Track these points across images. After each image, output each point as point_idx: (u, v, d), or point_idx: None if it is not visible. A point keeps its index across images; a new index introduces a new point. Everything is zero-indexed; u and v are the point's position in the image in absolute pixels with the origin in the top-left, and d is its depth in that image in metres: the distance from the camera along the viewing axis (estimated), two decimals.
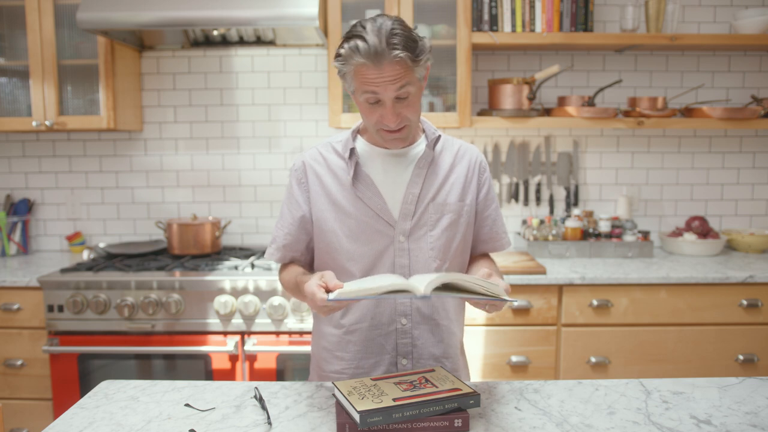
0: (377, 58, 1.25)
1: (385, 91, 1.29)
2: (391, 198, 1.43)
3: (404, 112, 1.33)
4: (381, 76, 1.27)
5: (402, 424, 1.11)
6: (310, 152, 1.50)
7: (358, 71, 1.29)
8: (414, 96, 1.33)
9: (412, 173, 1.43)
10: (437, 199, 1.44)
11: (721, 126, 2.68)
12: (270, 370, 2.37)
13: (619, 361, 2.39)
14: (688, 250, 2.73)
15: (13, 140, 2.99)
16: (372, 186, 1.43)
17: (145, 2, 2.35)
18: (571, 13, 2.65)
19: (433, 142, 1.45)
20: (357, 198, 1.42)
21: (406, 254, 1.42)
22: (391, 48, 1.25)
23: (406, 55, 1.26)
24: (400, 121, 1.34)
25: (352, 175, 1.42)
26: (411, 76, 1.30)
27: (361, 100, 1.34)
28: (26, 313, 2.41)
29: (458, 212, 1.46)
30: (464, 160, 1.50)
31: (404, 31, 1.28)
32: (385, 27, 1.26)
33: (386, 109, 1.32)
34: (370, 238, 1.42)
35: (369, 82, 1.29)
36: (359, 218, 1.42)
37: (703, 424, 1.15)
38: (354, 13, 2.61)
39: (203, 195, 3.00)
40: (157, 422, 1.18)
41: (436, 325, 1.45)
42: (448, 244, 1.45)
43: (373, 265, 1.43)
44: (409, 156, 1.45)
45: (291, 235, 1.49)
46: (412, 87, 1.31)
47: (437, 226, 1.44)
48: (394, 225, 1.42)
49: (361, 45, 1.25)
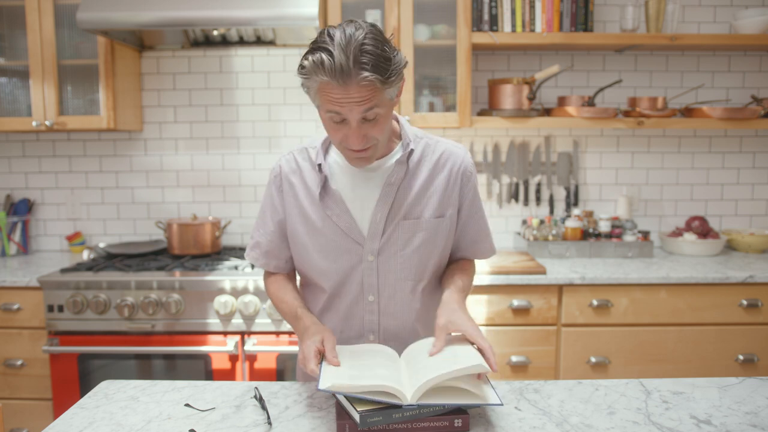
0: (343, 77, 1.12)
1: (351, 112, 1.17)
2: (360, 215, 1.36)
3: (371, 132, 1.22)
4: (346, 97, 1.15)
5: (402, 424, 1.11)
6: (287, 157, 1.43)
7: (322, 88, 1.17)
8: (383, 116, 1.22)
9: (381, 190, 1.34)
10: (410, 216, 1.36)
11: (721, 126, 2.68)
12: (270, 370, 2.37)
13: (619, 361, 2.39)
14: (688, 250, 2.73)
15: (13, 140, 2.99)
16: (341, 203, 1.35)
17: (145, 2, 2.35)
18: (571, 13, 2.65)
19: (406, 156, 1.34)
20: (326, 215, 1.36)
21: (374, 273, 1.37)
22: (359, 68, 1.12)
23: (375, 78, 1.13)
24: (366, 142, 1.23)
25: (321, 190, 1.35)
26: (380, 97, 1.18)
27: (325, 117, 1.23)
28: (26, 313, 2.41)
29: (434, 229, 1.38)
30: (445, 170, 1.39)
31: (376, 48, 1.14)
32: (355, 41, 1.12)
33: (351, 129, 1.20)
34: (339, 255, 1.37)
35: (333, 101, 1.17)
36: (328, 235, 1.37)
37: (703, 424, 1.15)
38: (354, 13, 2.61)
39: (203, 195, 3.00)
40: (157, 422, 1.18)
41: (405, 343, 1.40)
42: (423, 263, 1.38)
43: (343, 283, 1.39)
44: (381, 170, 1.35)
45: (273, 242, 1.45)
46: (380, 109, 1.19)
47: (408, 245, 1.36)
48: (363, 243, 1.36)
49: (326, 60, 1.12)
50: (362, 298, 1.39)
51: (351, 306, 1.40)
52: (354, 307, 1.40)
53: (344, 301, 1.40)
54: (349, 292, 1.39)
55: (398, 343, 1.41)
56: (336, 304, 1.42)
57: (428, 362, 1.17)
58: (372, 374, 1.13)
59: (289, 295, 1.44)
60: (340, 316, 1.42)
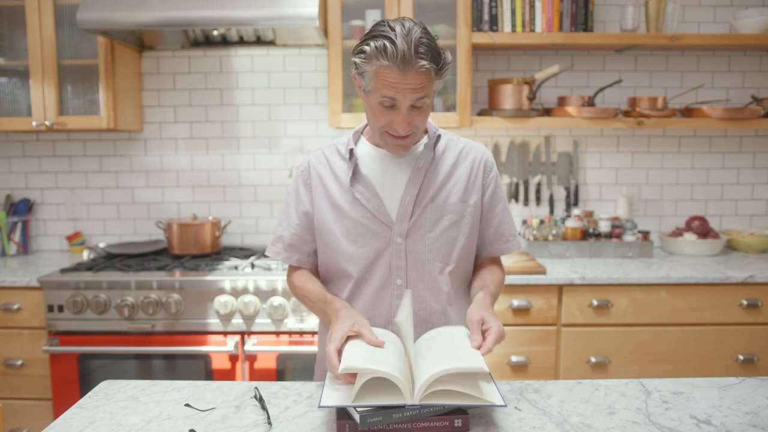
0: (404, 64, 1.23)
1: (404, 98, 1.27)
2: (389, 199, 1.42)
3: (415, 120, 1.32)
4: (403, 82, 1.25)
5: (402, 424, 1.11)
6: (316, 154, 1.51)
7: (380, 73, 1.27)
8: (428, 106, 1.33)
9: (410, 174, 1.42)
10: (437, 200, 1.43)
11: (721, 126, 2.68)
12: (270, 370, 2.37)
13: (619, 361, 2.39)
14: (688, 250, 2.73)
15: (13, 140, 2.99)
16: (370, 187, 1.42)
17: (145, 2, 2.35)
18: (571, 13, 2.65)
19: (434, 142, 1.44)
20: (355, 199, 1.42)
21: (403, 256, 1.42)
22: (419, 57, 1.23)
23: (432, 67, 1.25)
24: (409, 129, 1.33)
25: (351, 176, 1.42)
26: (430, 88, 1.29)
27: (374, 102, 1.32)
28: (26, 313, 2.41)
29: (460, 213, 1.44)
30: (468, 160, 1.48)
31: (431, 42, 1.26)
32: (414, 34, 1.24)
33: (400, 115, 1.30)
34: (368, 239, 1.42)
35: (389, 86, 1.27)
36: (357, 219, 1.42)
37: (703, 424, 1.15)
38: (354, 13, 2.61)
39: (203, 195, 3.00)
40: (157, 422, 1.18)
41: (433, 327, 1.44)
42: (449, 245, 1.44)
43: (370, 268, 1.43)
44: (410, 156, 1.45)
45: (297, 235, 1.49)
46: (428, 99, 1.31)
47: (436, 227, 1.42)
48: (392, 226, 1.41)
49: (389, 47, 1.23)
50: (390, 282, 1.43)
51: (378, 291, 1.43)
52: (382, 292, 1.43)
53: (372, 286, 1.43)
54: (377, 277, 1.43)
55: (427, 329, 1.43)
56: (363, 291, 1.45)
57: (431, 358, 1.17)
58: (386, 362, 1.13)
59: (317, 286, 1.48)
60: (367, 304, 1.44)
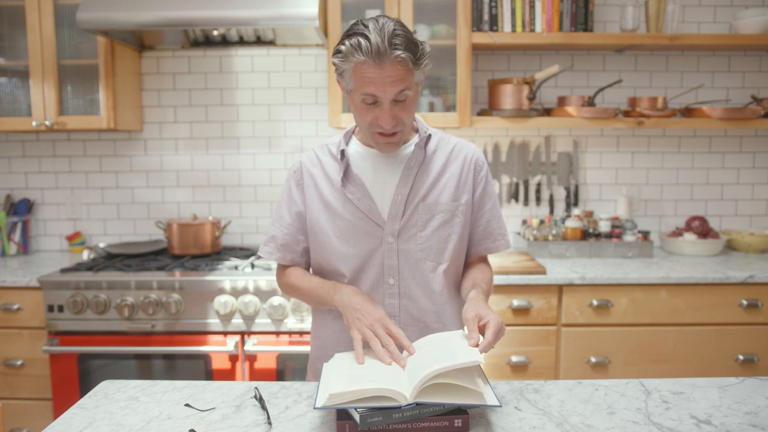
0: (379, 57, 1.24)
1: (385, 92, 1.28)
2: (381, 199, 1.43)
3: (400, 114, 1.32)
4: (382, 76, 1.26)
5: (402, 424, 1.11)
6: (308, 154, 1.51)
7: (358, 69, 1.27)
8: (411, 100, 1.33)
9: (401, 173, 1.43)
10: (428, 199, 1.43)
11: (721, 126, 2.68)
12: (270, 370, 2.37)
13: (619, 361, 2.39)
14: (688, 250, 2.73)
15: (13, 140, 2.99)
16: (362, 186, 1.43)
17: (145, 2, 2.35)
18: (571, 13, 2.65)
19: (424, 141, 1.44)
20: (347, 199, 1.43)
21: (395, 255, 1.42)
22: (394, 48, 1.24)
23: (408, 56, 1.26)
24: (396, 124, 1.33)
25: (343, 176, 1.42)
26: (410, 80, 1.30)
27: (357, 100, 1.32)
28: (26, 313, 2.41)
29: (451, 212, 1.45)
30: (458, 159, 1.48)
31: (406, 33, 1.27)
32: (388, 27, 1.25)
33: (383, 110, 1.31)
34: (360, 239, 1.42)
35: (368, 82, 1.27)
36: (349, 219, 1.43)
37: (703, 424, 1.15)
38: (354, 13, 2.61)
39: (203, 195, 3.00)
40: (157, 422, 1.18)
41: (426, 326, 1.44)
42: (441, 244, 1.44)
43: (363, 267, 1.43)
44: (400, 156, 1.45)
45: (290, 235, 1.50)
46: (410, 91, 1.31)
47: (428, 226, 1.43)
48: (383, 226, 1.42)
49: (363, 43, 1.24)
50: (382, 282, 1.43)
51: (371, 291, 1.44)
52: (374, 292, 1.44)
53: (364, 286, 1.44)
54: (369, 276, 1.43)
55: (420, 328, 1.44)
56: None
57: (427, 358, 1.17)
58: (371, 378, 1.13)
59: (315, 279, 1.48)
60: None
